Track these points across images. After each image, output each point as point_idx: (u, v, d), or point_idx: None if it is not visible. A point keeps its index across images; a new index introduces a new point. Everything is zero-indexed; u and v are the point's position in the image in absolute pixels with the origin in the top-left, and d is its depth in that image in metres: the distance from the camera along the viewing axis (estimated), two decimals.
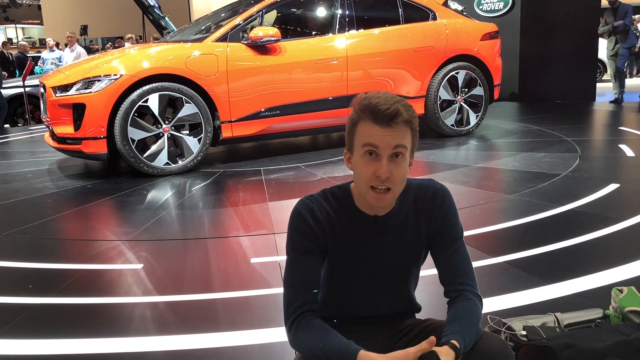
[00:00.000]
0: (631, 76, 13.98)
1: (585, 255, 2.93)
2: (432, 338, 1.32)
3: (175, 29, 7.55)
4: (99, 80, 4.78)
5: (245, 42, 5.26)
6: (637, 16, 14.69)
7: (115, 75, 4.80)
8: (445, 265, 1.57)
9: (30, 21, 33.25)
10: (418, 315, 1.73)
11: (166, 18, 15.40)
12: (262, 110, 5.30)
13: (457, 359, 1.33)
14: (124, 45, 11.67)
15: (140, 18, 16.19)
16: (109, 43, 17.28)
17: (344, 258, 1.54)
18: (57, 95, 4.87)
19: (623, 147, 5.38)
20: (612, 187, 4.04)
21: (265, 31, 5.23)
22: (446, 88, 6.13)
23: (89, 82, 4.79)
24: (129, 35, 12.42)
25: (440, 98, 6.09)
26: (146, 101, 4.84)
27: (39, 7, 27.43)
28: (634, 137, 5.95)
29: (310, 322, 1.44)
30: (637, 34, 11.27)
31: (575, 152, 5.26)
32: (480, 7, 9.89)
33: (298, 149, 6.09)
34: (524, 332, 2.00)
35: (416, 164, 5.18)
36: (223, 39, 5.23)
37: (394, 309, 1.66)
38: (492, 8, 9.74)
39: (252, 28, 5.38)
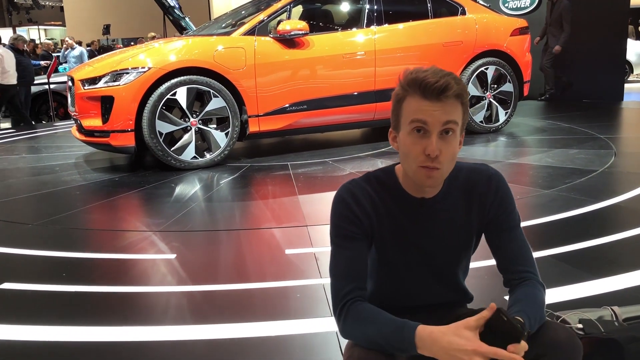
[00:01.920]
0: None
1: (633, 250, 2.82)
2: (493, 304, 1.22)
3: (195, 29, 7.55)
4: (127, 73, 4.75)
5: (273, 36, 5.21)
6: None
7: (144, 68, 4.77)
8: (503, 253, 1.49)
9: (52, 22, 33.60)
10: (470, 305, 1.65)
11: (186, 19, 15.43)
12: (290, 104, 5.24)
13: (522, 334, 1.21)
14: None
15: (161, 18, 16.23)
16: (132, 43, 17.37)
17: (391, 244, 1.46)
18: (85, 88, 4.85)
19: None
20: None
21: (293, 25, 5.17)
22: (475, 84, 6.03)
23: (117, 75, 4.77)
24: (152, 34, 12.45)
25: (469, 94, 5.97)
26: (174, 94, 4.80)
27: (62, 8, 27.71)
28: None
29: (360, 307, 1.36)
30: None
31: (610, 148, 5.12)
32: (506, 4, 9.75)
33: (324, 144, 6.02)
34: (580, 326, 1.91)
35: None
36: (251, 32, 5.18)
37: (444, 298, 1.58)
38: (518, 6, 9.60)
39: (279, 22, 5.33)
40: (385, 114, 5.67)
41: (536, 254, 2.73)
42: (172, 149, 4.86)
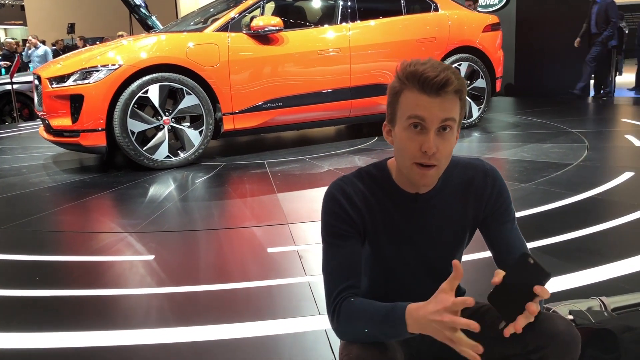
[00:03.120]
0: (620, 74, 14.01)
1: (614, 241, 2.85)
2: (456, 261, 1.17)
3: (163, 28, 7.39)
4: (97, 71, 4.62)
5: (246, 32, 5.13)
6: None
7: (114, 65, 4.64)
8: (501, 247, 1.47)
9: (13, 22, 32.67)
10: None
11: (153, 17, 15.15)
12: (265, 101, 5.17)
13: (549, 275, 1.18)
14: None
15: (127, 17, 15.91)
16: (98, 42, 16.98)
17: (385, 241, 1.42)
18: (53, 86, 4.70)
19: (630, 137, 5.33)
20: (627, 175, 3.97)
21: (267, 21, 5.10)
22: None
23: (86, 73, 4.63)
24: (121, 33, 12.21)
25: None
26: (146, 92, 4.69)
27: (22, 7, 26.96)
28: (638, 128, 5.90)
29: (350, 303, 1.31)
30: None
31: (583, 142, 5.19)
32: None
33: (300, 142, 5.97)
34: (570, 317, 1.91)
35: None
36: (224, 28, 5.09)
37: None
38: (488, 3, 9.70)
39: (252, 18, 5.26)
40: (361, 111, 5.66)
41: None
42: (145, 148, 4.75)
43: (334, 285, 1.35)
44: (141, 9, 14.96)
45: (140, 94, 4.66)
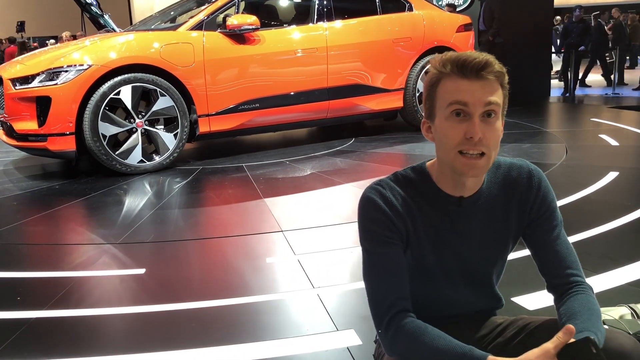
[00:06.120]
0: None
1: (621, 243, 2.82)
2: (570, 327, 1.10)
3: (116, 27, 7.08)
4: (65, 71, 4.35)
5: (222, 31, 4.94)
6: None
7: (82, 65, 4.38)
8: (547, 255, 1.38)
9: None
10: (501, 312, 1.52)
11: (105, 16, 14.66)
12: (241, 103, 4.99)
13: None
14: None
15: (79, 15, 15.36)
16: (48, 42, 16.32)
17: (426, 248, 1.32)
18: (17, 88, 4.40)
19: (604, 137, 5.40)
20: (613, 175, 3.99)
21: (243, 19, 4.92)
22: (424, 80, 5.99)
23: (53, 74, 4.36)
24: (66, 33, 11.76)
25: (418, 90, 5.94)
26: (118, 93, 4.45)
27: None
28: (608, 127, 6.00)
29: (411, 325, 1.22)
30: None
31: (561, 142, 5.23)
32: (440, 2, 9.88)
33: (276, 144, 5.81)
34: (605, 327, 1.84)
35: (402, 157, 5.04)
36: (198, 27, 4.89)
37: (478, 305, 1.46)
38: (452, 3, 9.74)
39: (225, 17, 5.07)
40: (338, 112, 5.55)
41: (519, 253, 2.65)
42: (117, 152, 4.51)
43: (383, 296, 1.26)
44: (92, 7, 14.44)
45: (111, 96, 4.42)
